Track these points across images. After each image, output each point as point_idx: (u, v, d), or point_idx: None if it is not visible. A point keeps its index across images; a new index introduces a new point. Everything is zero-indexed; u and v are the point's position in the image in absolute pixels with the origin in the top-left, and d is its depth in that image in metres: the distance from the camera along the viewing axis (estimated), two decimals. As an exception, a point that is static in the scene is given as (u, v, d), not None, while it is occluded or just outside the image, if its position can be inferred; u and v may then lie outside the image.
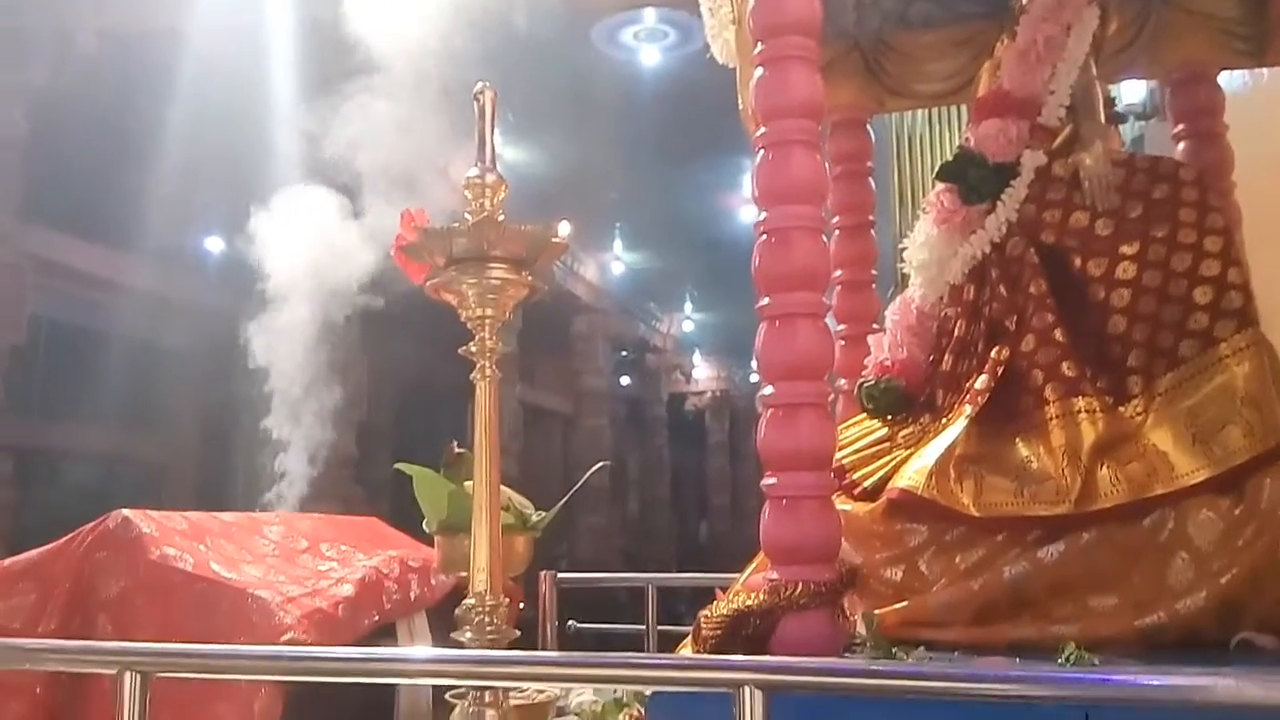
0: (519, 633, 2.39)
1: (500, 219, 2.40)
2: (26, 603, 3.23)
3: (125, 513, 3.37)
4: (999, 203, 2.61)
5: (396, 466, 2.67)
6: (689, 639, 2.30)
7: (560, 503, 2.79)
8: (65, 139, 9.19)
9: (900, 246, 2.86)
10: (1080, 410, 2.30)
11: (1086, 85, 2.69)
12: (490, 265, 2.36)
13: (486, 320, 2.42)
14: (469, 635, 2.31)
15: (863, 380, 2.81)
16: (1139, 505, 2.17)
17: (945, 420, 2.52)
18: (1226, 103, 3.27)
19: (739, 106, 2.96)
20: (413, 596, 3.71)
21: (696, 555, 20.56)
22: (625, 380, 22.28)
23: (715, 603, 2.19)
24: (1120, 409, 2.34)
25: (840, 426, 2.78)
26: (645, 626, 4.16)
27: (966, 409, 2.44)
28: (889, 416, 2.74)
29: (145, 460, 13.33)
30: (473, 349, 2.42)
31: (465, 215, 2.43)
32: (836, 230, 3.39)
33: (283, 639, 2.98)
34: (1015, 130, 2.65)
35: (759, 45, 2.27)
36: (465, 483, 2.53)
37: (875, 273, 3.46)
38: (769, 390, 2.19)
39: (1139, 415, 2.32)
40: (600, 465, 4.07)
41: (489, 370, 2.41)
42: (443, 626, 2.78)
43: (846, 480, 2.56)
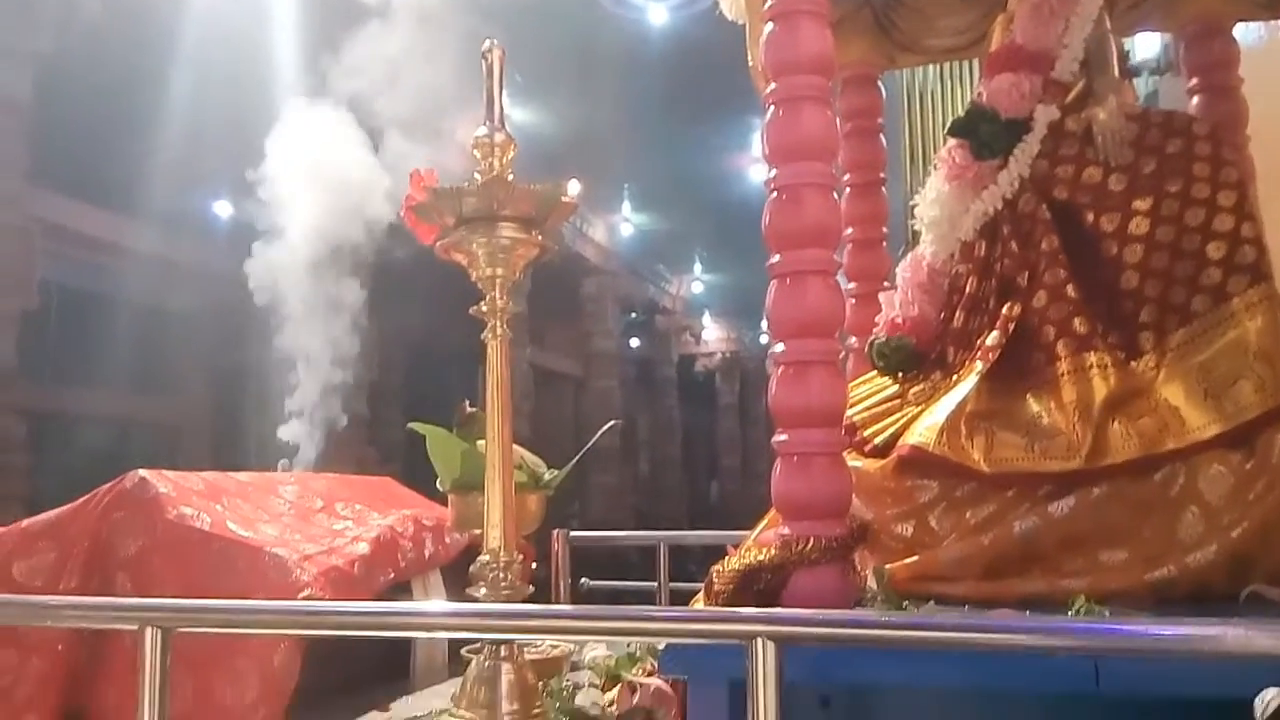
0: (532, 589, 2.42)
1: (509, 178, 2.40)
2: (47, 562, 3.28)
3: (142, 473, 3.40)
4: (1011, 158, 2.59)
5: (410, 426, 2.69)
6: (701, 594, 2.32)
7: (572, 461, 2.80)
8: (73, 104, 9.17)
9: (911, 203, 2.85)
10: (1092, 366, 2.29)
11: (1100, 39, 2.65)
12: (500, 225, 2.36)
13: (497, 280, 2.42)
14: (483, 591, 2.33)
15: (873, 338, 2.81)
16: (1150, 460, 2.17)
17: (956, 377, 2.52)
18: (1241, 56, 3.24)
19: (748, 64, 2.94)
20: (427, 554, 3.75)
21: (706, 515, 20.69)
22: (635, 342, 22.29)
23: (727, 558, 2.21)
24: (1132, 364, 2.33)
25: (851, 384, 2.79)
26: (657, 583, 4.20)
27: (978, 365, 2.44)
28: (900, 374, 2.74)
29: (157, 423, 13.42)
30: (483, 309, 2.43)
31: (475, 175, 2.43)
32: (847, 187, 3.37)
33: (300, 596, 3.02)
34: (1028, 85, 2.62)
35: (768, 1, 2.25)
36: (478, 442, 2.54)
37: (886, 230, 3.45)
38: (780, 348, 2.19)
39: (1151, 370, 2.32)
40: (611, 424, 4.10)
41: (500, 330, 2.42)
42: (457, 584, 2.81)
43: (857, 437, 2.57)
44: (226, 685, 3.06)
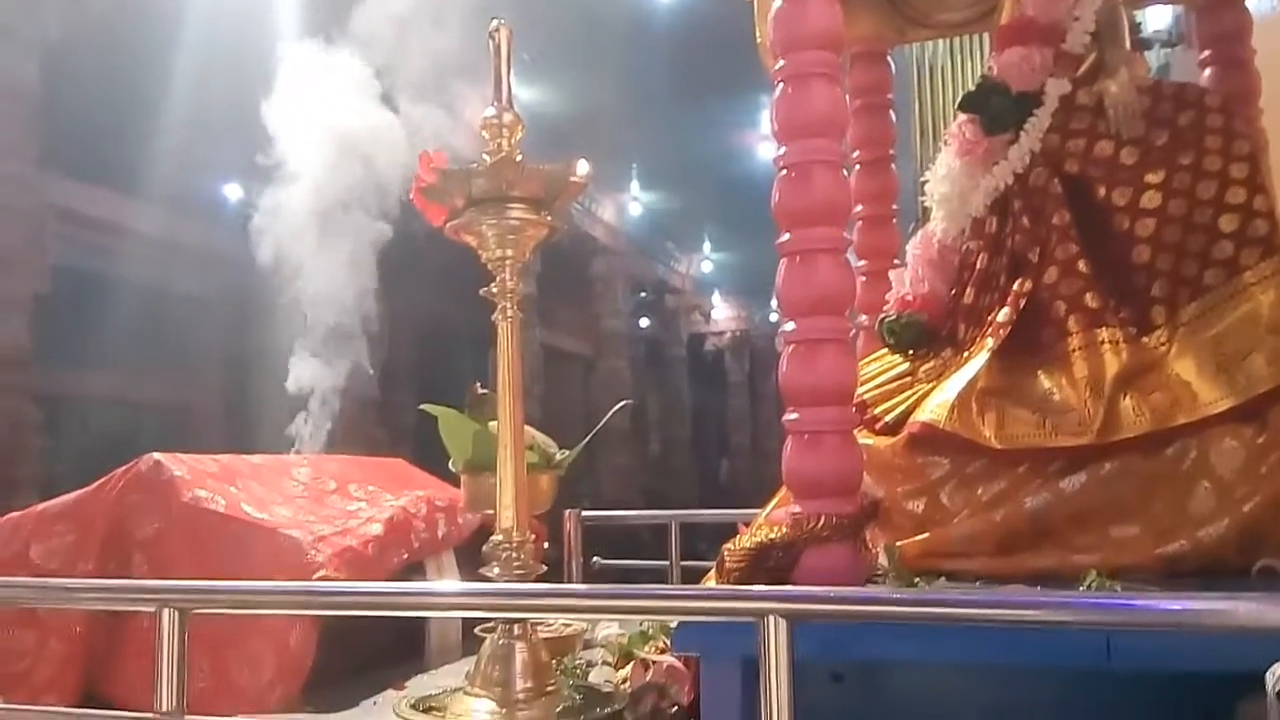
0: (545, 568, 2.44)
1: (518, 159, 2.40)
2: (64, 544, 3.30)
3: (157, 456, 3.42)
4: (1022, 133, 2.57)
5: (421, 408, 2.70)
6: (712, 572, 2.34)
7: (583, 441, 2.81)
8: (81, 89, 9.17)
9: (921, 180, 2.84)
10: (1103, 341, 2.29)
11: (1111, 11, 2.63)
12: (509, 206, 2.36)
13: (507, 261, 2.43)
14: (496, 571, 2.35)
15: (884, 315, 2.80)
16: (1162, 435, 2.17)
17: (967, 354, 2.52)
18: (1254, 28, 3.21)
19: (757, 40, 2.93)
20: (440, 535, 3.76)
21: (717, 494, 20.70)
22: (644, 322, 22.26)
23: (739, 536, 2.22)
24: (1144, 339, 2.33)
25: (861, 362, 2.78)
26: (669, 562, 4.21)
27: (988, 342, 2.44)
28: (910, 351, 2.74)
29: (171, 406, 13.48)
30: (494, 290, 2.43)
31: (483, 156, 2.43)
32: (857, 164, 3.36)
33: (314, 577, 3.03)
34: (1039, 58, 2.60)
35: (777, -24, 2.24)
36: (489, 423, 2.55)
37: (896, 207, 3.44)
38: (790, 326, 2.19)
39: (1163, 345, 2.31)
40: (622, 404, 4.10)
41: (510, 311, 2.42)
42: (470, 564, 2.83)
43: (868, 415, 2.58)
44: (243, 666, 3.08)
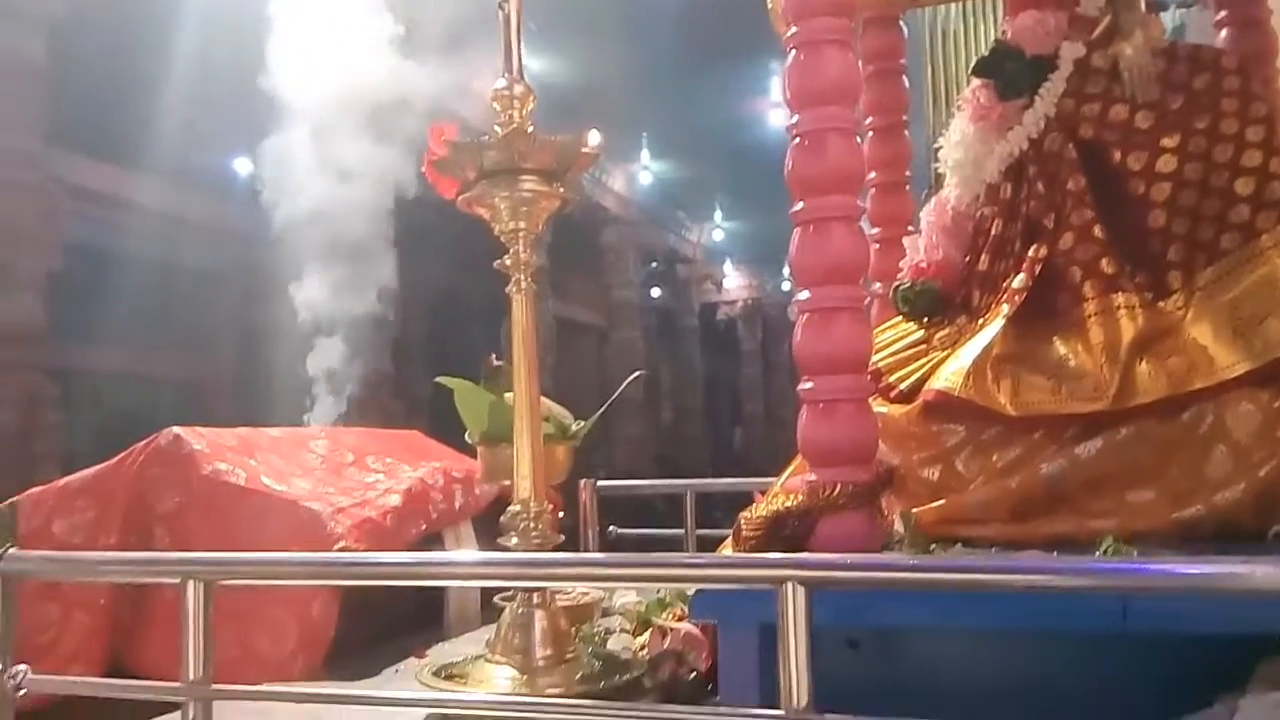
0: (562, 537, 2.45)
1: (530, 130, 2.39)
2: (86, 519, 3.34)
3: (176, 430, 3.45)
4: (1036, 97, 2.55)
5: (437, 380, 2.71)
6: (728, 541, 2.35)
7: (599, 411, 2.82)
8: (88, 65, 9.14)
9: (935, 146, 2.82)
10: (1119, 306, 2.28)
11: (1126, -28, 2.60)
12: (521, 178, 2.36)
13: (520, 233, 2.43)
14: (515, 541, 2.37)
15: (898, 283, 2.79)
16: (1178, 400, 2.16)
17: (982, 321, 2.51)
18: (1271, -14, 3.17)
19: (768, 6, 2.91)
20: (458, 506, 3.80)
21: (729, 463, 20.72)
22: (656, 291, 22.22)
23: (755, 505, 2.23)
24: (1160, 304, 2.31)
25: (876, 329, 2.78)
26: (684, 530, 4.24)
27: (1004, 308, 2.43)
28: (925, 319, 2.73)
29: (187, 381, 13.55)
30: (507, 263, 2.43)
31: (495, 127, 2.43)
32: (869, 131, 3.33)
33: (335, 548, 3.07)
34: (1053, 21, 2.58)
35: (788, -58, 2.22)
36: (505, 394, 2.57)
37: (910, 174, 3.41)
38: (804, 295, 2.19)
39: (1179, 310, 2.30)
40: (636, 375, 4.10)
41: (524, 283, 2.43)
42: (488, 535, 2.85)
43: (883, 383, 2.57)
44: (265, 636, 3.13)
